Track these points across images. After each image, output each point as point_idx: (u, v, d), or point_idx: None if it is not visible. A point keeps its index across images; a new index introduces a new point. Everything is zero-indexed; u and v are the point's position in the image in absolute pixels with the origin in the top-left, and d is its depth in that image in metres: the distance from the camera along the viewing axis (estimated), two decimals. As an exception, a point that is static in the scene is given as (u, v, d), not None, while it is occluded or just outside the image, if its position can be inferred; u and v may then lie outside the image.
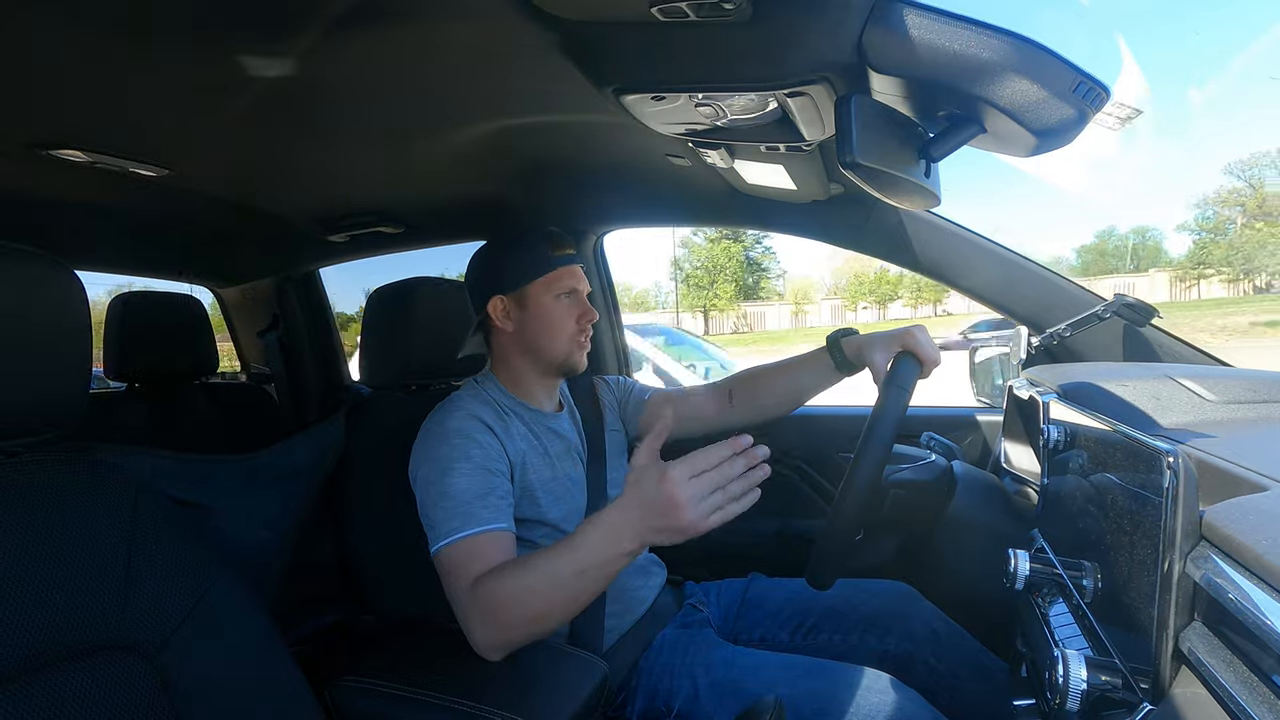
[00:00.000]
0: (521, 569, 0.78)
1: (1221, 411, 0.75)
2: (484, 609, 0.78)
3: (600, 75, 0.78)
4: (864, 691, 0.86)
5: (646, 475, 0.70)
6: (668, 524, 0.69)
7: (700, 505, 0.68)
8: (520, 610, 0.76)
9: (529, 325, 1.04)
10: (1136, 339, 1.16)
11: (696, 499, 0.68)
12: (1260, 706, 0.38)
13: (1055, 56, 0.59)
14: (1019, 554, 0.75)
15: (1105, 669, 0.55)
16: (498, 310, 1.04)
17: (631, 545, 0.72)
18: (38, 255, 0.61)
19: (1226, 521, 0.46)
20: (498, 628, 0.78)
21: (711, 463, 0.69)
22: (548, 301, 1.03)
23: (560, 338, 1.04)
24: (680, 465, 0.69)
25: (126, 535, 0.63)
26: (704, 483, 0.68)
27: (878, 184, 0.71)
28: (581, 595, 0.75)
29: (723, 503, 0.69)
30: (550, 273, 1.03)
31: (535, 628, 0.78)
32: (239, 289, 2.19)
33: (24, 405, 0.60)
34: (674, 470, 0.68)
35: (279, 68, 0.76)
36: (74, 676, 0.57)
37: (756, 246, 46.96)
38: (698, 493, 0.68)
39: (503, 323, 1.04)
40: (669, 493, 0.68)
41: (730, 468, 0.69)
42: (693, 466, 0.69)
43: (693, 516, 0.68)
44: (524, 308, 1.03)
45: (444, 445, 0.92)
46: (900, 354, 0.93)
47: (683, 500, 0.67)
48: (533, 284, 1.03)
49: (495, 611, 0.77)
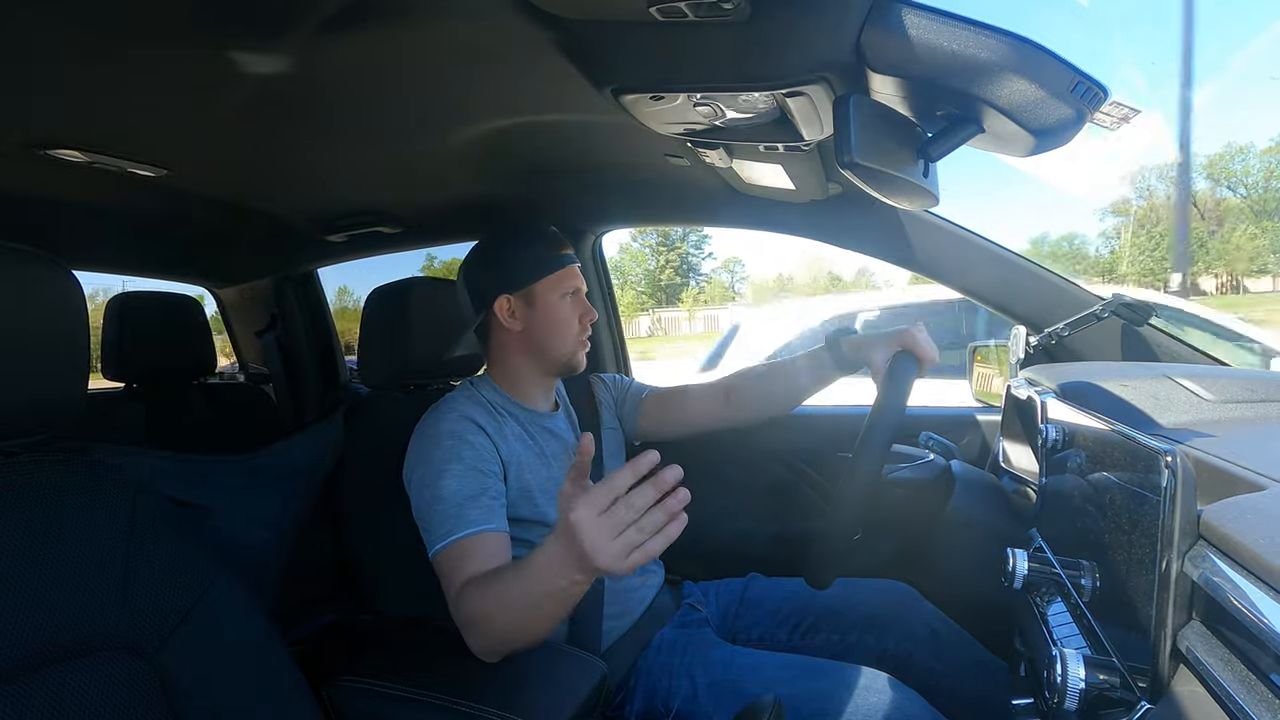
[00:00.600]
0: (495, 584, 0.76)
1: (1219, 411, 0.75)
2: (464, 619, 0.79)
3: (599, 75, 0.78)
4: (863, 691, 0.86)
5: (562, 515, 0.63)
6: (586, 566, 0.62)
7: (612, 546, 0.59)
8: (489, 628, 0.77)
9: (537, 325, 1.04)
10: (1135, 338, 1.16)
11: (606, 539, 0.60)
12: (1258, 705, 0.38)
13: (1053, 56, 0.60)
14: (1017, 553, 0.75)
15: (1103, 668, 0.55)
16: (504, 309, 1.04)
17: (565, 581, 0.66)
18: (35, 255, 0.61)
19: (1224, 521, 0.46)
20: (478, 639, 0.78)
21: (616, 492, 0.60)
22: (554, 300, 1.03)
23: (567, 337, 1.04)
24: (582, 504, 0.60)
25: (125, 535, 0.63)
26: (613, 520, 0.60)
27: (876, 184, 0.71)
28: (540, 621, 0.72)
29: (638, 541, 0.60)
30: (557, 271, 1.04)
31: (512, 641, 0.77)
32: (237, 289, 2.19)
33: (21, 405, 0.60)
34: (577, 511, 0.61)
35: (277, 67, 0.76)
36: (73, 676, 0.57)
37: (696, 253, 47.96)
38: (607, 533, 0.60)
39: (509, 322, 1.04)
40: (577, 535, 0.60)
41: (639, 498, 0.60)
42: (595, 504, 0.60)
43: (606, 561, 0.60)
44: (532, 306, 1.03)
45: (436, 448, 0.92)
46: (899, 353, 0.93)
47: (589, 544, 0.60)
48: (540, 283, 1.03)
49: (473, 624, 0.78)
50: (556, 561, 0.65)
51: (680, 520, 0.61)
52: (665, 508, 0.60)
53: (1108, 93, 0.62)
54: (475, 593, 0.78)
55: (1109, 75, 0.62)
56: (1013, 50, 0.59)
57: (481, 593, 0.77)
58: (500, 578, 0.76)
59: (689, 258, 48.35)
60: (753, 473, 1.55)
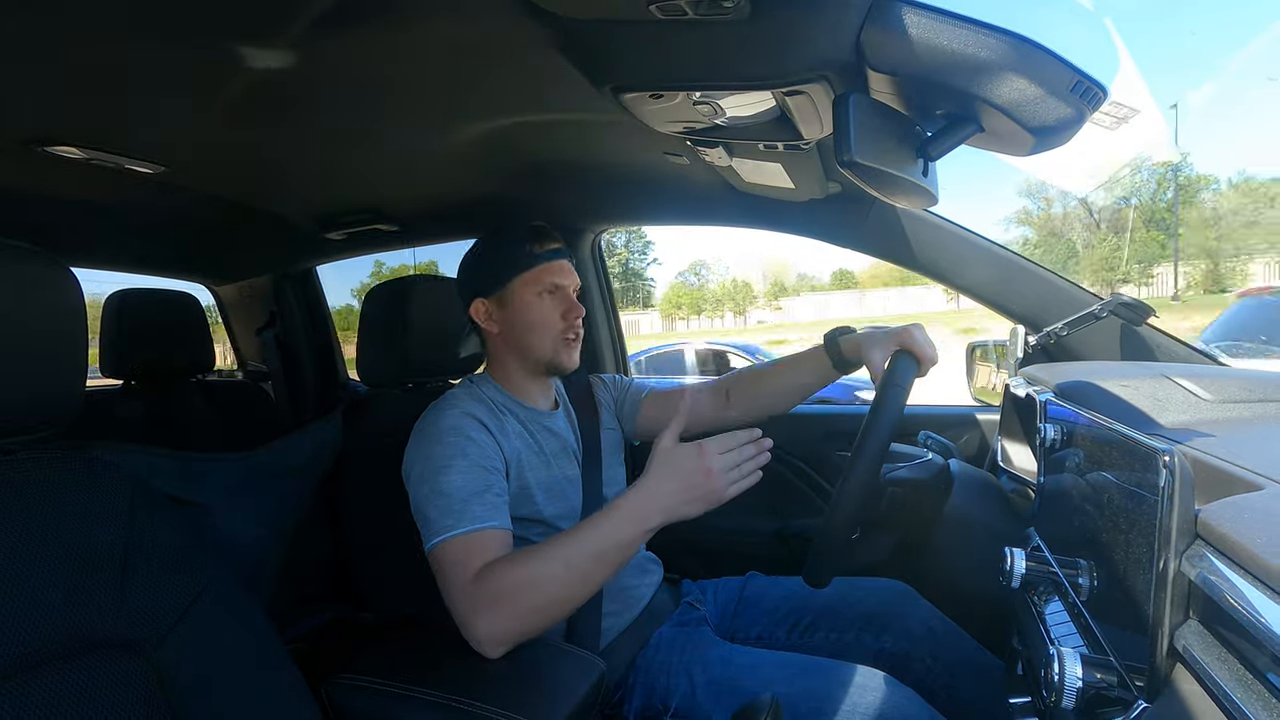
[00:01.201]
0: (532, 555, 0.80)
1: (1217, 411, 0.76)
2: (490, 597, 0.78)
3: (599, 73, 0.78)
4: (860, 689, 0.86)
5: (679, 451, 0.81)
6: (701, 490, 0.79)
7: (726, 475, 0.80)
8: (528, 597, 0.78)
9: (513, 325, 1.03)
10: (1133, 338, 1.16)
11: (724, 470, 0.80)
12: (1255, 704, 0.38)
13: (1053, 56, 0.60)
14: (1015, 552, 0.75)
15: (1101, 667, 0.55)
16: (480, 313, 1.04)
17: (658, 520, 0.80)
18: (34, 252, 0.61)
19: (1222, 520, 0.46)
20: (501, 616, 0.77)
21: (736, 443, 0.82)
22: (530, 299, 1.02)
23: (545, 336, 1.02)
24: (712, 442, 0.81)
25: (123, 533, 0.63)
26: (729, 458, 0.81)
27: (875, 183, 0.71)
28: (594, 579, 0.81)
29: (738, 478, 0.81)
30: (532, 269, 1.02)
31: (539, 617, 0.78)
32: (236, 286, 2.19)
33: (20, 403, 0.60)
34: (709, 444, 0.81)
35: (276, 64, 0.76)
36: (71, 674, 0.57)
37: (641, 258, 48.74)
38: (727, 464, 0.80)
39: (487, 324, 1.04)
40: (705, 463, 0.79)
41: (746, 450, 0.82)
42: (722, 444, 0.81)
43: (721, 484, 0.80)
44: (505, 307, 1.03)
45: (438, 444, 0.92)
46: (898, 352, 0.93)
47: (715, 470, 0.79)
48: (513, 282, 1.02)
49: (500, 599, 0.77)
50: (638, 509, 0.80)
51: (759, 474, 0.83)
52: (756, 461, 0.83)
53: (1107, 92, 0.62)
54: (515, 562, 0.80)
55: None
56: (1013, 49, 0.59)
57: (521, 563, 0.80)
58: (544, 547, 0.81)
59: (630, 264, 49.22)
60: None
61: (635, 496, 0.80)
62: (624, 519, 0.80)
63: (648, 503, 0.80)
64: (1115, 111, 0.81)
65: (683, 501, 0.80)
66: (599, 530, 0.80)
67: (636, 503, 0.80)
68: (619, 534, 0.79)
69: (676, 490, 0.80)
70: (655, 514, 0.80)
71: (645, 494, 0.80)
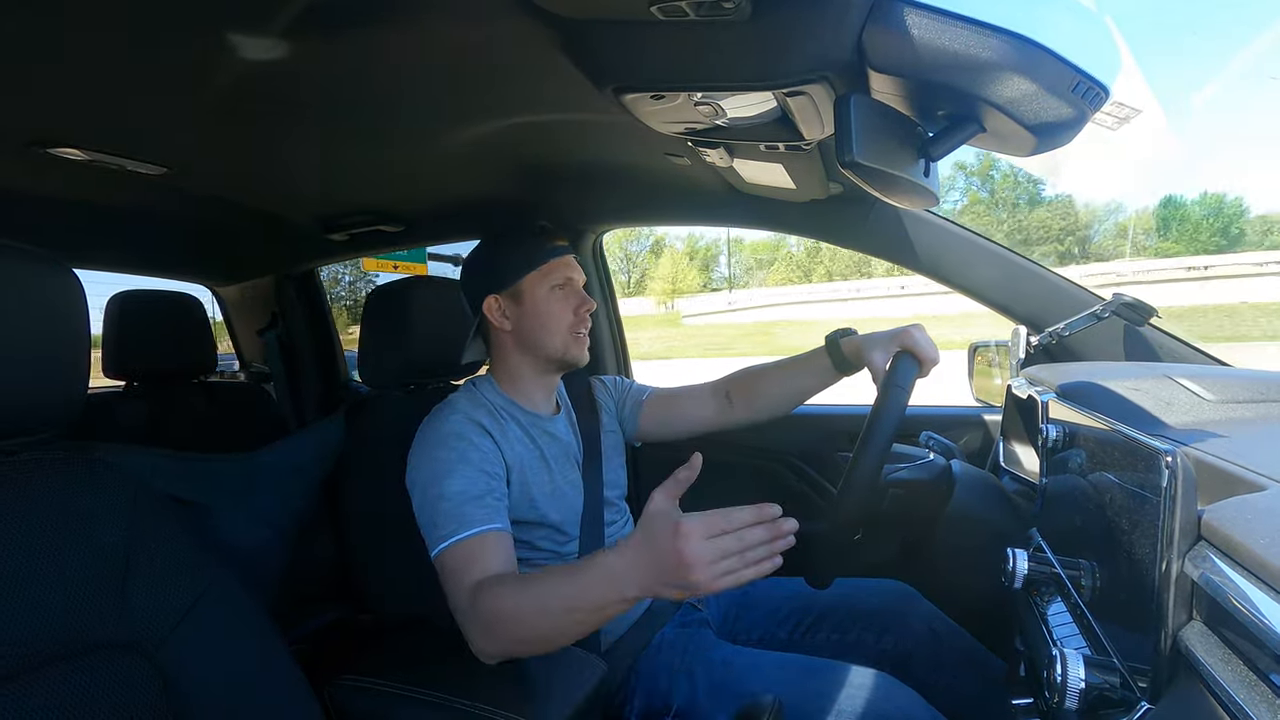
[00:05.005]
0: (518, 590, 0.76)
1: (1220, 411, 0.75)
2: (482, 621, 0.77)
3: (599, 74, 0.78)
4: (862, 690, 0.86)
5: (660, 523, 0.65)
6: (674, 580, 0.64)
7: (712, 568, 0.63)
8: (512, 630, 0.76)
9: (525, 320, 1.03)
10: (1136, 338, 1.16)
11: (708, 560, 0.63)
12: (1259, 705, 0.38)
13: (1055, 56, 0.59)
14: (1017, 553, 0.75)
15: (1103, 668, 0.55)
16: (493, 309, 1.04)
17: (632, 593, 0.68)
18: (36, 254, 0.61)
19: (1225, 521, 0.46)
20: (494, 640, 0.77)
21: (732, 525, 0.64)
22: (542, 294, 1.03)
23: (558, 330, 1.03)
24: (697, 522, 0.64)
25: (125, 534, 0.63)
26: (720, 545, 0.63)
27: (877, 183, 0.71)
28: (570, 631, 0.73)
29: (737, 567, 0.64)
30: (543, 264, 1.03)
31: (526, 647, 0.77)
32: (238, 287, 2.19)
33: (22, 404, 0.60)
34: (689, 525, 0.63)
35: (278, 66, 0.76)
36: (73, 675, 0.57)
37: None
38: (711, 554, 0.63)
39: (499, 321, 1.04)
40: (680, 549, 0.63)
41: (751, 535, 0.64)
42: (710, 526, 0.64)
43: (701, 578, 0.63)
44: (519, 303, 1.03)
45: (441, 449, 0.92)
46: (899, 353, 0.93)
47: (693, 559, 0.62)
48: (526, 278, 1.03)
49: (492, 626, 0.77)
50: (615, 574, 0.68)
51: (776, 560, 0.65)
52: (771, 547, 0.65)
53: (1109, 92, 0.62)
54: (503, 592, 0.76)
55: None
56: (1014, 49, 0.59)
57: (512, 592, 0.76)
58: (531, 583, 0.75)
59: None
60: (753, 473, 1.55)
61: (616, 557, 0.69)
62: (602, 577, 0.69)
63: (627, 570, 0.68)
64: (1117, 111, 0.80)
65: (657, 583, 0.66)
66: (575, 584, 0.71)
67: (617, 564, 0.68)
68: (592, 594, 0.70)
69: (647, 569, 0.66)
70: (631, 585, 0.67)
71: (625, 559, 0.68)
